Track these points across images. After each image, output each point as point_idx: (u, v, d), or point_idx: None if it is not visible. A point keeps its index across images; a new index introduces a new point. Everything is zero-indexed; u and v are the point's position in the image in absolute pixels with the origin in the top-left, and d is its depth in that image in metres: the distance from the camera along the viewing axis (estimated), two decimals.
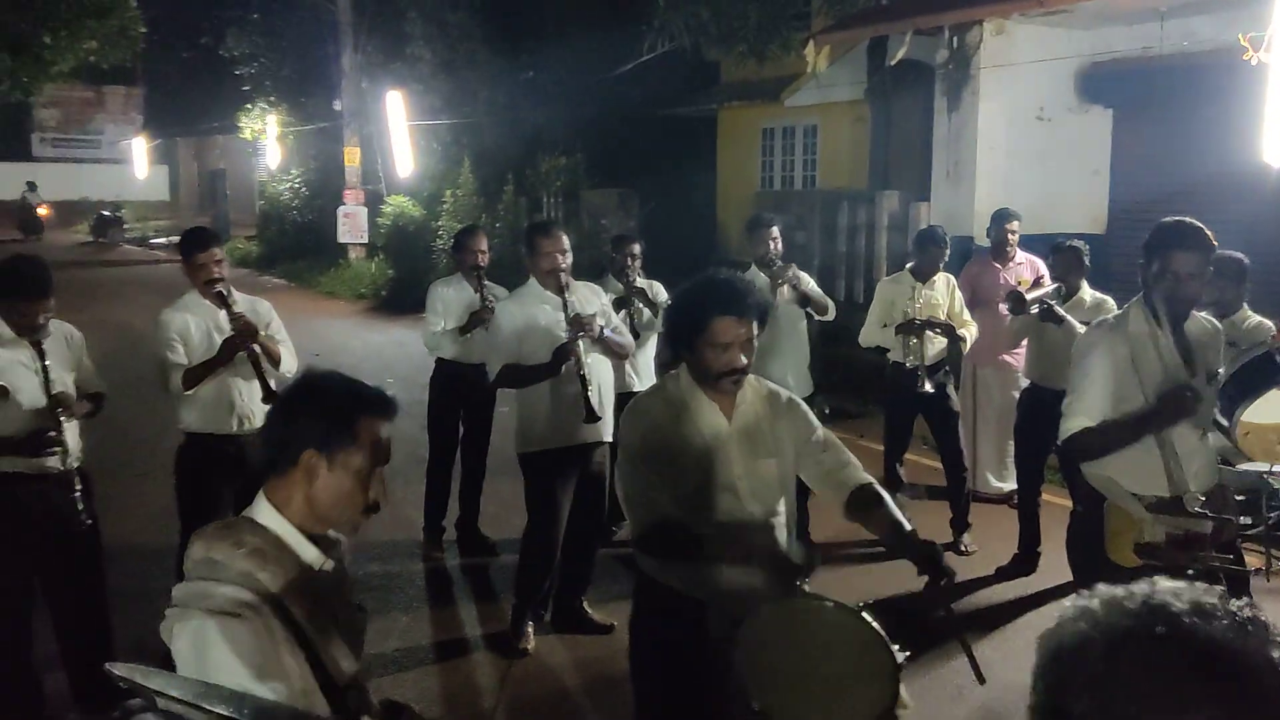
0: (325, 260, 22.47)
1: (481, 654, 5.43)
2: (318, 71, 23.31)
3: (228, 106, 28.27)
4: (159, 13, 22.37)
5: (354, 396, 2.22)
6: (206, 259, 4.94)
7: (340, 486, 2.17)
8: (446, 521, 6.75)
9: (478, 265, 6.53)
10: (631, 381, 6.47)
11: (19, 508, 4.27)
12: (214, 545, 2.09)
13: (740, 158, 17.13)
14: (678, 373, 3.20)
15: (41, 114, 39.73)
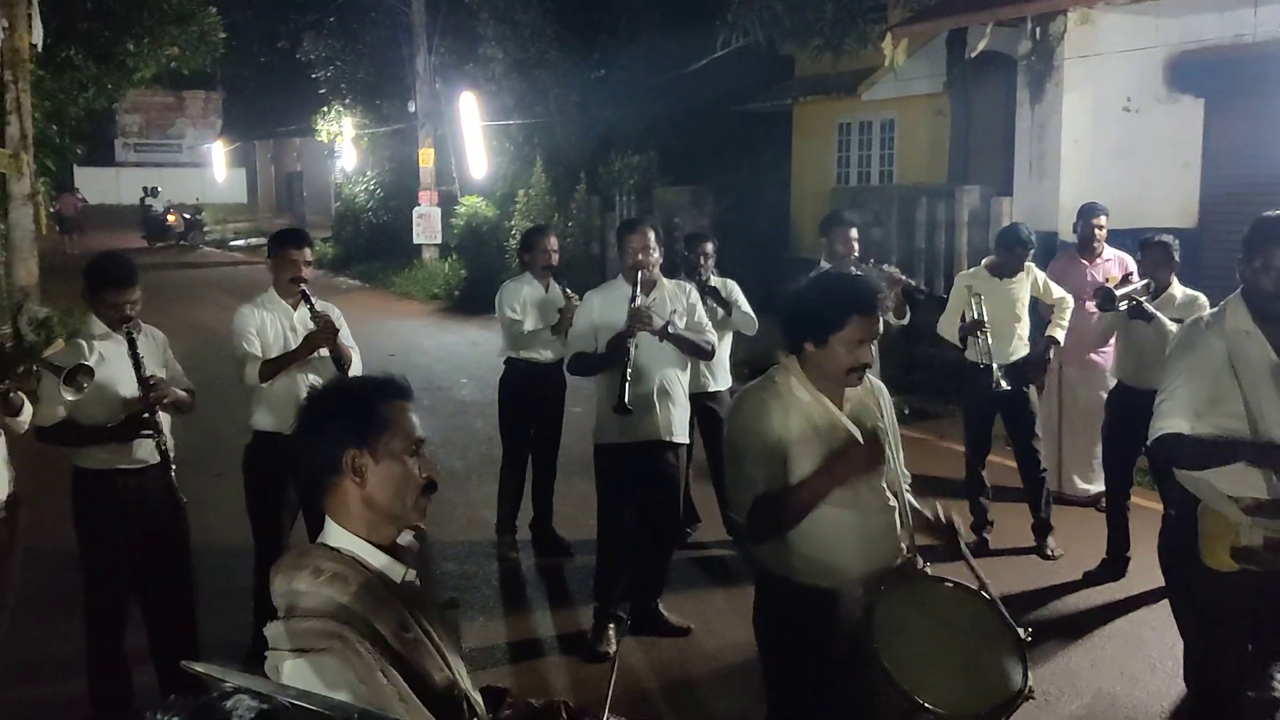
0: (399, 261, 22.72)
1: (558, 655, 5.40)
2: (392, 74, 23.58)
3: (304, 110, 28.77)
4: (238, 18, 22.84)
5: (367, 386, 2.21)
6: (298, 256, 5.08)
7: (392, 474, 2.13)
8: (520, 521, 6.74)
9: (550, 264, 6.50)
10: (706, 381, 6.41)
11: (118, 502, 4.35)
12: (295, 576, 2.06)
13: (815, 153, 16.94)
14: (785, 366, 3.22)
15: (124, 119, 40.88)
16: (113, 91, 16.23)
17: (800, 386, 3.17)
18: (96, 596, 4.46)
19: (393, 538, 2.18)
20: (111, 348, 4.34)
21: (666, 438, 5.27)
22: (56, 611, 4.99)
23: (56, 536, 4.71)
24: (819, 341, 3.12)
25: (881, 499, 3.20)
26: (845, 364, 3.11)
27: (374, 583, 2.09)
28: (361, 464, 2.11)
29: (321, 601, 2.02)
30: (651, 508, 5.36)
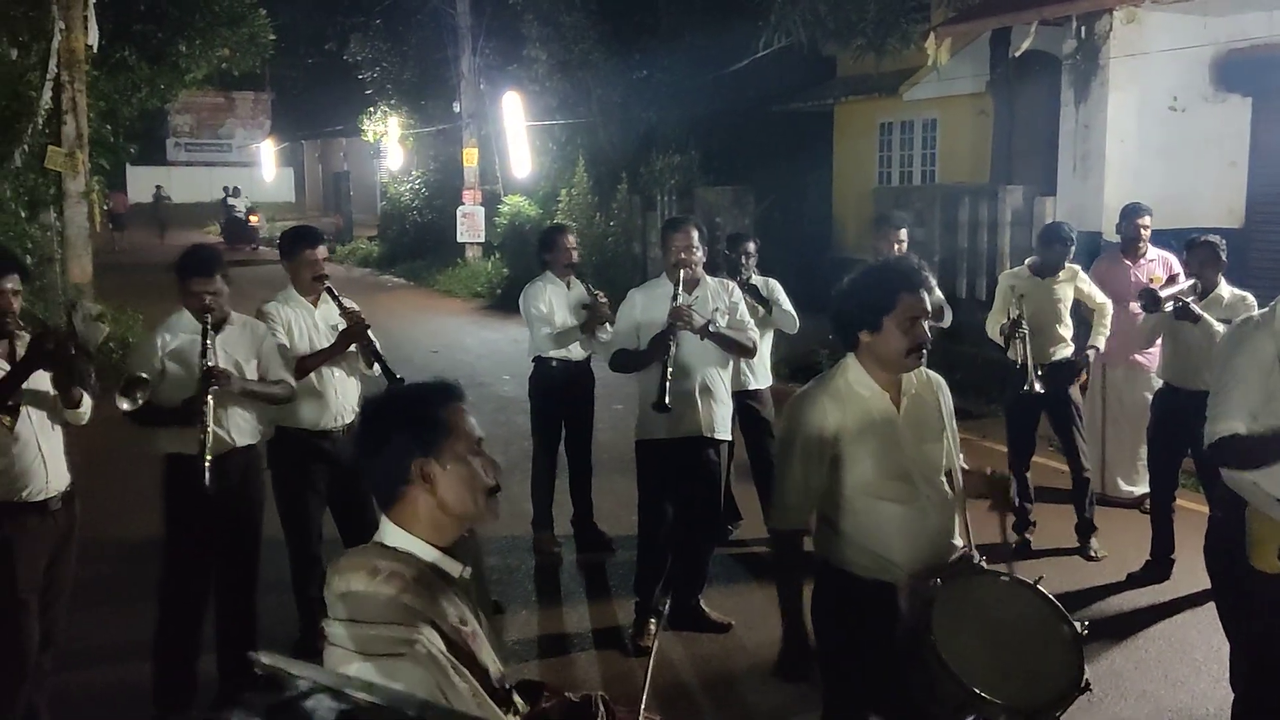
0: (443, 259, 22.90)
1: (598, 649, 5.46)
2: (438, 75, 23.79)
3: (351, 110, 29.08)
4: (286, 20, 23.07)
5: (425, 393, 2.23)
6: (316, 254, 5.16)
7: (461, 477, 2.16)
8: (563, 517, 6.80)
9: (571, 262, 6.55)
10: (747, 380, 6.44)
11: (198, 487, 4.44)
12: (351, 577, 2.08)
13: (857, 153, 16.90)
14: (844, 364, 3.24)
15: (175, 120, 41.45)
16: (165, 92, 16.49)
17: (860, 383, 3.19)
18: (174, 583, 4.58)
19: (453, 540, 2.21)
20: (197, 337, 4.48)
21: (708, 434, 5.30)
22: (109, 602, 5.10)
23: (108, 529, 4.83)
24: (873, 327, 3.13)
25: (940, 493, 3.21)
26: (903, 345, 3.11)
27: (431, 579, 2.12)
28: (430, 471, 2.14)
29: (382, 602, 2.03)
30: (693, 504, 5.40)
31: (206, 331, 4.45)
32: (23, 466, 4.00)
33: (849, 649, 3.23)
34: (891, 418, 3.18)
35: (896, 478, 3.15)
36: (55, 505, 4.12)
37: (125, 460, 4.64)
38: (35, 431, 4.04)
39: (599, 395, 6.90)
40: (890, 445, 3.16)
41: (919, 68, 14.34)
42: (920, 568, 3.11)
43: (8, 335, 3.99)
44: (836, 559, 3.24)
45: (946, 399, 3.36)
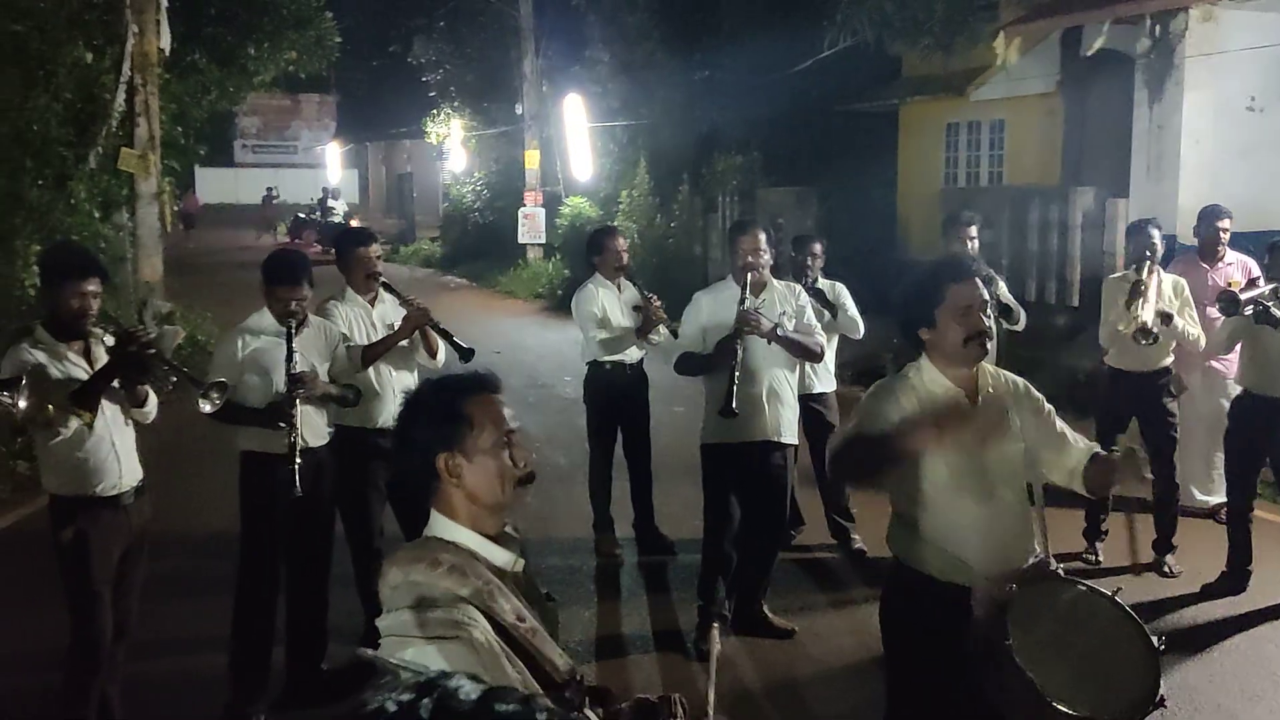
0: (505, 260, 23.03)
1: (659, 653, 5.43)
2: (500, 77, 23.94)
3: (414, 112, 29.35)
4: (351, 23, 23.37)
5: (446, 386, 2.22)
6: (369, 253, 5.26)
7: (487, 469, 2.16)
8: (624, 519, 6.78)
9: (621, 264, 6.52)
10: (811, 383, 6.38)
11: (274, 485, 4.54)
12: (411, 568, 2.09)
13: (923, 154, 16.69)
14: (919, 363, 3.23)
15: (243, 121, 42.20)
16: (234, 94, 16.77)
17: (933, 381, 3.17)
18: (249, 578, 4.66)
19: (499, 528, 2.21)
20: (278, 341, 4.57)
21: (775, 438, 5.27)
22: (180, 596, 5.18)
23: (179, 524, 4.91)
24: (929, 322, 3.13)
25: (1016, 494, 3.17)
26: (960, 334, 3.09)
27: (488, 573, 2.12)
28: (455, 464, 2.15)
29: (441, 593, 2.04)
30: (759, 508, 5.37)
31: (290, 337, 4.53)
32: (96, 461, 4.08)
33: (919, 651, 3.19)
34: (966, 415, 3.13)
35: (973, 477, 3.12)
36: (128, 500, 4.20)
37: (196, 457, 4.72)
38: (109, 427, 4.12)
39: (659, 398, 6.87)
40: (966, 444, 3.10)
41: (987, 67, 14.12)
42: (995, 571, 3.05)
43: (85, 336, 4.06)
44: (911, 558, 3.22)
45: (1032, 400, 3.30)
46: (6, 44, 11.25)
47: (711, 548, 5.45)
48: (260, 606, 4.68)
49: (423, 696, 0.92)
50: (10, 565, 6.52)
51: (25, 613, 5.53)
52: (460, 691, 0.93)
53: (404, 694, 0.93)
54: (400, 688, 0.94)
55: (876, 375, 10.77)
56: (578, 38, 20.98)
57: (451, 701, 0.92)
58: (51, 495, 4.18)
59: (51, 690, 4.24)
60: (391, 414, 5.12)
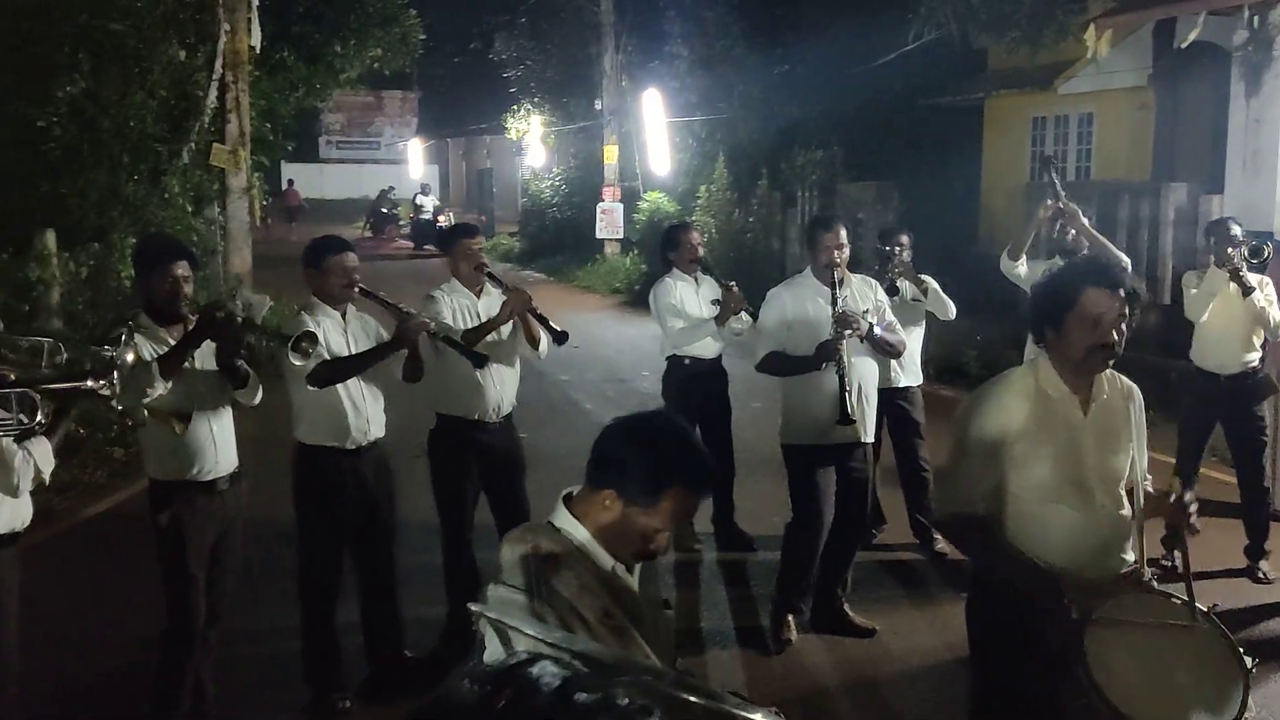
0: (582, 255, 23.12)
1: (740, 648, 5.42)
2: (580, 72, 24.04)
3: (495, 108, 29.60)
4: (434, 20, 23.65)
5: (676, 465, 2.23)
6: (475, 245, 5.32)
7: (626, 532, 2.22)
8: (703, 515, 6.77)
9: (696, 258, 6.51)
10: (896, 377, 6.30)
11: (337, 478, 4.63)
12: (517, 547, 2.19)
13: (1008, 148, 16.41)
14: (1036, 362, 3.16)
15: (328, 118, 42.90)
16: (320, 91, 17.08)
17: (1049, 382, 3.09)
18: (312, 569, 4.73)
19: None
20: (333, 322, 4.65)
21: (860, 439, 5.21)
22: (270, 581, 5.28)
23: (271, 511, 5.01)
24: (1056, 324, 3.03)
25: (1115, 503, 3.09)
26: (1084, 343, 2.99)
27: (586, 570, 2.19)
28: (612, 506, 2.22)
29: (532, 576, 2.13)
30: (842, 508, 5.32)
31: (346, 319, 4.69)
32: (193, 446, 4.18)
33: (1004, 656, 3.14)
34: (1077, 423, 3.07)
35: (1073, 484, 3.04)
36: (223, 485, 4.30)
37: (287, 446, 4.80)
38: (206, 413, 4.21)
39: (738, 393, 6.84)
40: (1072, 450, 3.05)
41: (1074, 60, 13.83)
42: (1087, 580, 2.99)
43: (182, 318, 4.16)
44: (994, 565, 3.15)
45: (1138, 408, 3.22)
46: (106, 43, 11.60)
47: (794, 548, 5.40)
48: (322, 599, 4.74)
49: (502, 688, 0.93)
50: (106, 549, 6.72)
51: (120, 595, 5.70)
52: (541, 681, 0.93)
53: (484, 684, 0.94)
54: (482, 678, 0.95)
55: (959, 372, 10.65)
56: (657, 33, 20.98)
57: (530, 694, 0.93)
58: (151, 479, 4.29)
59: (146, 672, 4.36)
60: (493, 408, 5.19)
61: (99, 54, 11.53)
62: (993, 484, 3.10)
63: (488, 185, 33.33)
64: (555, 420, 9.87)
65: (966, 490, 3.15)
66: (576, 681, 0.93)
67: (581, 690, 0.92)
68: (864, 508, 5.45)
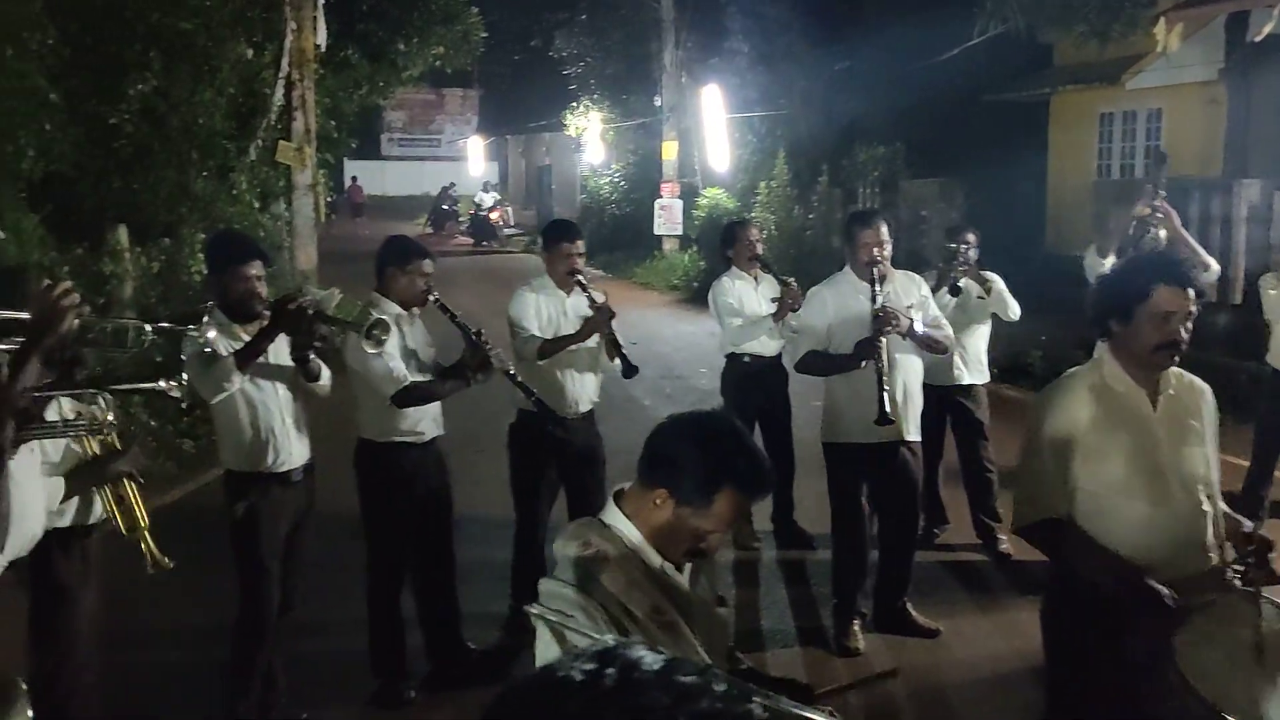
0: (640, 252, 23.13)
1: (802, 647, 5.41)
2: (639, 69, 24.06)
3: (554, 105, 29.69)
4: (495, 18, 23.82)
5: (730, 467, 2.21)
6: (571, 249, 5.28)
7: (676, 531, 2.21)
8: (762, 513, 6.74)
9: (755, 255, 6.48)
10: (959, 374, 6.23)
11: (402, 473, 4.70)
12: (568, 544, 2.21)
13: (1074, 145, 16.16)
14: (1099, 358, 3.14)
15: (390, 115, 43.32)
16: (383, 89, 17.28)
17: (1114, 377, 3.06)
18: (378, 562, 4.80)
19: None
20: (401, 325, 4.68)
21: (904, 438, 5.15)
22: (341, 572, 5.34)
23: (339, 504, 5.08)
24: (1124, 317, 3.00)
25: (1193, 499, 3.04)
26: (1151, 340, 2.96)
27: (632, 564, 2.20)
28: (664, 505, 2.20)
29: (582, 575, 2.14)
30: (890, 507, 5.29)
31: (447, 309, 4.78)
32: (268, 438, 4.25)
33: (1083, 656, 3.10)
34: (1146, 415, 3.04)
35: (1149, 478, 3.01)
36: (297, 477, 4.37)
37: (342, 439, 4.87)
38: (280, 405, 4.29)
39: (799, 392, 6.80)
40: (1144, 444, 3.02)
41: (1143, 54, 13.58)
42: (1167, 577, 2.94)
43: (257, 317, 4.23)
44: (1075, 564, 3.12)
45: (1210, 408, 3.17)
46: (176, 42, 11.81)
47: (842, 548, 5.38)
48: (387, 591, 4.81)
49: (606, 666, 0.94)
50: (176, 539, 6.80)
51: (189, 585, 5.79)
52: (642, 662, 0.94)
53: (588, 663, 0.95)
54: (583, 656, 0.96)
55: (1023, 371, 10.50)
56: (717, 29, 20.92)
57: (635, 672, 0.93)
58: (227, 470, 4.37)
59: (216, 661, 4.44)
60: (570, 404, 5.24)
61: (169, 53, 11.74)
62: (1066, 482, 3.07)
63: (546, 182, 33.50)
64: (612, 416, 9.82)
65: (1042, 492, 3.13)
66: (677, 663, 0.94)
67: (681, 672, 0.92)
68: (914, 506, 5.39)
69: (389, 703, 4.75)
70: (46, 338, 2.97)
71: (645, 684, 0.92)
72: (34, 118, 10.05)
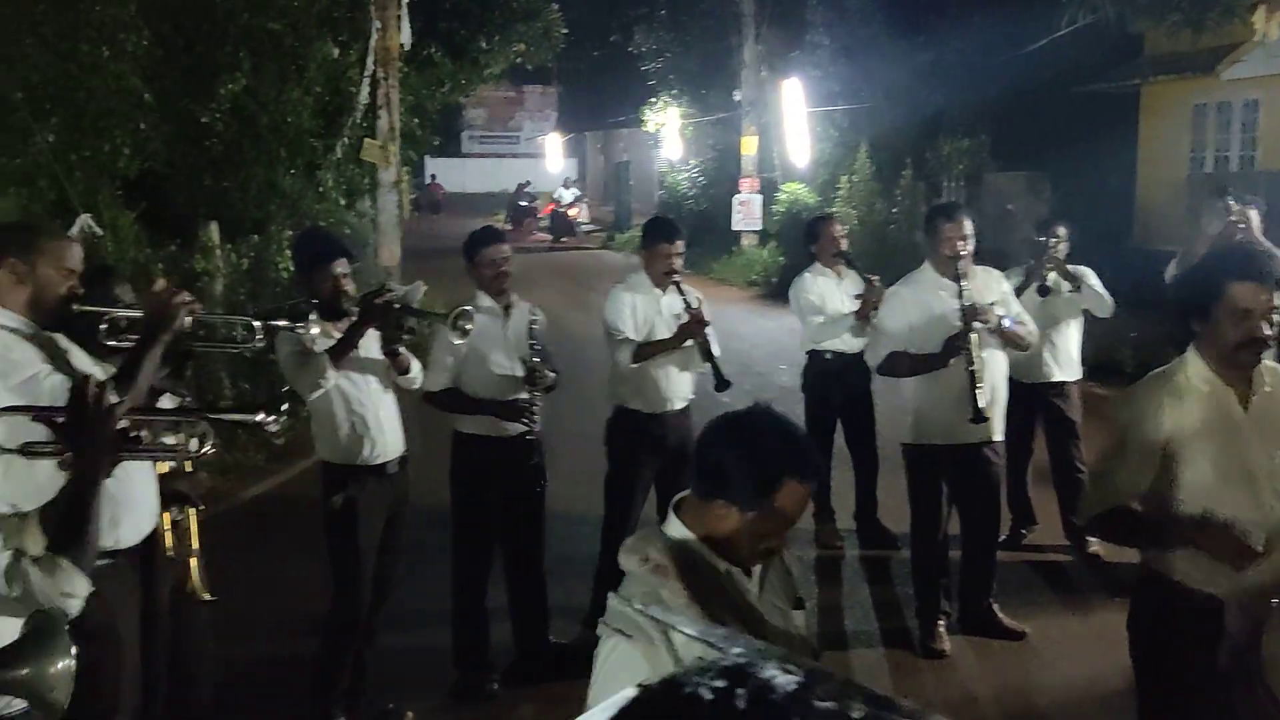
0: (718, 247, 23.03)
1: (886, 648, 5.36)
2: (719, 63, 23.97)
3: (632, 101, 29.73)
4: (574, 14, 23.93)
5: (782, 459, 2.17)
6: (670, 249, 5.25)
7: (742, 536, 2.17)
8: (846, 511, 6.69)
9: (839, 250, 6.39)
10: (1050, 371, 6.10)
11: (486, 467, 4.74)
12: (629, 558, 2.17)
13: (1166, 137, 15.74)
14: (1185, 357, 3.03)
15: (470, 113, 43.75)
16: (465, 86, 17.44)
17: (1199, 377, 2.95)
18: (466, 554, 4.85)
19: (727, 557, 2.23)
20: (486, 322, 4.70)
21: (989, 438, 5.06)
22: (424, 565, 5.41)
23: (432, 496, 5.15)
24: (1202, 316, 2.92)
25: None
26: (1231, 338, 2.86)
27: (693, 574, 2.15)
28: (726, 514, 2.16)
29: (643, 586, 2.10)
30: (973, 508, 5.20)
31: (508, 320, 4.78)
32: (362, 431, 4.32)
33: (1170, 665, 3.01)
34: (1237, 418, 2.93)
35: (1239, 483, 2.90)
36: (392, 469, 4.44)
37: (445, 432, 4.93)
38: (374, 398, 4.35)
39: (879, 389, 6.72)
40: (1233, 447, 2.91)
41: (1239, 43, 13.17)
42: (1257, 584, 2.84)
43: (344, 314, 4.29)
44: (1162, 565, 3.02)
45: None
46: (265, 42, 12.05)
47: (921, 550, 5.32)
48: (473, 583, 4.86)
49: (737, 685, 0.89)
50: (264, 529, 7.00)
51: (277, 576, 5.92)
52: (775, 681, 0.89)
53: (717, 680, 0.90)
54: (711, 672, 0.91)
55: (1113, 369, 10.25)
56: (798, 22, 20.77)
57: (769, 694, 0.89)
58: (324, 462, 4.45)
59: (305, 651, 4.52)
60: (665, 401, 5.25)
61: (258, 53, 11.98)
62: (1148, 485, 2.98)
63: (625, 178, 33.53)
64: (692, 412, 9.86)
65: (1119, 490, 3.05)
66: (812, 686, 0.89)
67: (820, 695, 0.88)
68: (996, 506, 5.32)
69: (470, 695, 4.80)
70: (162, 334, 3.05)
71: (780, 708, 0.88)
72: (130, 117, 10.33)
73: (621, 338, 5.16)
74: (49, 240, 3.17)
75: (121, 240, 9.28)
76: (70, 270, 3.12)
